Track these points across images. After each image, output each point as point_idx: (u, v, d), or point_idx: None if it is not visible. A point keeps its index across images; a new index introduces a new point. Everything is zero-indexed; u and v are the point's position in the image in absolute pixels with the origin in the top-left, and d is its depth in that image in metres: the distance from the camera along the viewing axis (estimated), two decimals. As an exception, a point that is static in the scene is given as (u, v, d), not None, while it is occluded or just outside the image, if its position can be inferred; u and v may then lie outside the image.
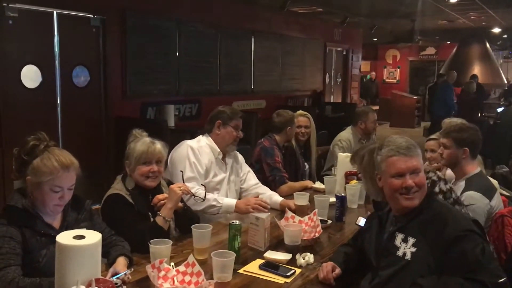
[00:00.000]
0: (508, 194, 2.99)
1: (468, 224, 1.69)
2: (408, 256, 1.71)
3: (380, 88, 16.80)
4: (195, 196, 2.47)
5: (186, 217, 2.42)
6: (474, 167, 2.64)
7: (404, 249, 1.73)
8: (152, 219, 2.29)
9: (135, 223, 2.22)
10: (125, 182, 2.37)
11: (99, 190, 2.44)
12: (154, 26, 6.11)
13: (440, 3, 7.74)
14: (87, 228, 1.77)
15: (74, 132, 5.22)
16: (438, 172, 2.29)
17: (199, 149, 2.89)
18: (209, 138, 2.98)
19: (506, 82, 10.79)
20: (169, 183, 2.53)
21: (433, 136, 3.19)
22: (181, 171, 2.69)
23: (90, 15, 5.33)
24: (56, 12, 4.97)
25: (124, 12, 5.69)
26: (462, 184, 2.59)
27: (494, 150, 7.59)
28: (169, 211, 2.30)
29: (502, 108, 9.34)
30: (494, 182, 2.90)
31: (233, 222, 2.14)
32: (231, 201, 2.80)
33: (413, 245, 1.71)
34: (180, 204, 2.40)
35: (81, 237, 1.53)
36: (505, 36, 12.96)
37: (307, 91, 9.81)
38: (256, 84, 8.20)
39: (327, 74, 10.93)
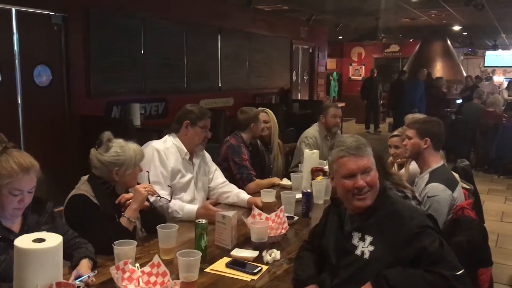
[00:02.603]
0: (468, 187, 3.09)
1: (423, 219, 1.71)
2: (366, 255, 1.71)
3: (345, 85, 17.06)
4: (160, 197, 2.45)
5: (153, 217, 2.39)
6: (437, 160, 2.72)
7: (362, 248, 1.73)
8: (117, 220, 2.26)
9: (99, 224, 2.18)
10: (105, 188, 2.32)
11: (64, 191, 2.37)
12: (118, 23, 6.01)
13: (403, 1, 7.89)
14: (49, 231, 1.73)
15: (36, 133, 5.08)
16: (412, 191, 2.33)
17: (165, 151, 2.82)
18: (176, 138, 2.91)
19: (470, 79, 11.10)
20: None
21: (396, 133, 3.27)
22: (147, 171, 2.64)
23: (51, 13, 5.19)
24: (15, 9, 4.82)
25: (87, 9, 5.57)
26: (426, 177, 2.67)
27: (456, 145, 7.82)
28: (133, 212, 2.27)
29: (461, 101, 9.64)
30: (455, 175, 3.00)
31: (199, 221, 2.13)
32: (192, 211, 2.68)
33: (371, 243, 1.72)
34: (147, 203, 2.38)
35: (41, 240, 1.50)
36: (465, 33, 13.35)
37: (274, 89, 9.85)
38: (223, 82, 8.17)
39: (294, 72, 11.00)
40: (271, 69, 9.77)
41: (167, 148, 2.84)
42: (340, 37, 14.79)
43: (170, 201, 2.55)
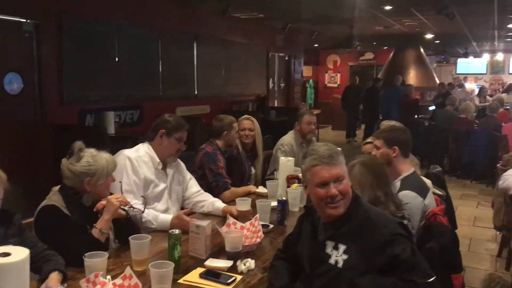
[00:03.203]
0: (440, 193, 3.13)
1: (395, 227, 1.72)
2: (340, 264, 1.71)
3: (321, 92, 17.22)
4: (133, 208, 2.41)
5: (126, 228, 2.35)
6: (408, 168, 2.74)
7: (336, 256, 1.73)
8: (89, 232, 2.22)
9: (70, 236, 2.13)
10: (77, 198, 2.27)
11: (36, 202, 2.31)
12: (92, 30, 5.95)
13: (376, 10, 8.02)
14: (16, 244, 1.68)
15: (7, 142, 4.96)
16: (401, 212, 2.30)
17: (137, 160, 2.76)
18: (150, 147, 2.85)
19: (442, 86, 11.32)
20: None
21: (369, 140, 3.29)
22: (120, 181, 2.59)
23: (22, 20, 5.10)
24: (-16, 16, 4.73)
25: (60, 16, 5.50)
26: (397, 184, 2.68)
27: (429, 151, 7.96)
28: (105, 223, 2.23)
29: (434, 108, 9.81)
30: (428, 182, 3.03)
31: (172, 232, 2.10)
32: (166, 221, 2.63)
33: (344, 252, 1.72)
34: (123, 213, 2.34)
35: (6, 254, 1.45)
36: (438, 41, 13.64)
37: (251, 96, 9.88)
38: (199, 89, 8.15)
39: (271, 79, 11.06)
40: (248, 76, 9.80)
41: (139, 157, 2.79)
42: (316, 45, 14.94)
43: (143, 211, 2.51)
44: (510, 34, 11.76)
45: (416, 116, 9.59)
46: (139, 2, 6.66)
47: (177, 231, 2.11)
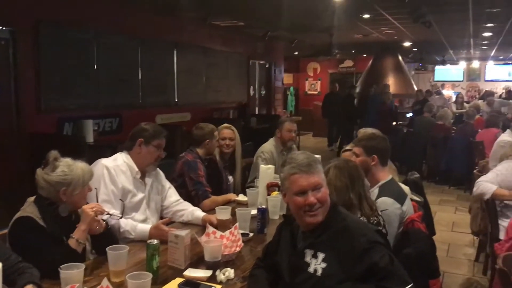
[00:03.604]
0: (418, 200, 3.17)
1: (373, 235, 1.74)
2: (319, 272, 1.72)
3: (302, 99, 17.33)
4: (111, 215, 2.39)
5: (104, 238, 2.32)
6: (386, 175, 2.78)
7: (315, 265, 1.74)
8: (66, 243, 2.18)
9: (45, 247, 2.09)
10: (53, 209, 2.23)
11: (11, 213, 2.26)
12: (70, 38, 5.88)
13: (355, 18, 8.12)
14: (-11, 257, 1.64)
15: (-19, 151, 4.86)
16: (377, 218, 2.33)
17: (115, 169, 2.72)
18: (128, 156, 2.82)
19: (420, 93, 11.48)
20: None
21: (348, 147, 3.32)
22: (95, 188, 2.55)
23: (-3, 27, 5.02)
24: (-42, 23, 4.64)
25: (37, 23, 5.43)
26: (375, 191, 2.71)
27: (408, 157, 8.06)
28: (82, 233, 2.20)
29: (412, 114, 9.95)
30: (406, 188, 3.07)
31: (151, 242, 2.08)
32: (144, 231, 2.61)
33: (323, 260, 1.73)
34: (103, 224, 2.30)
35: (-22, 268, 1.41)
36: (415, 49, 13.85)
37: (232, 103, 9.87)
38: (180, 96, 8.12)
39: (251, 87, 11.08)
40: (228, 84, 9.81)
41: (117, 166, 2.75)
42: (296, 53, 15.05)
43: (121, 217, 2.48)
44: (485, 42, 12.03)
45: (394, 123, 9.69)
46: (118, 9, 6.61)
47: (155, 241, 2.09)
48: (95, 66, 6.28)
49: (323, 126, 13.03)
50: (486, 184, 3.45)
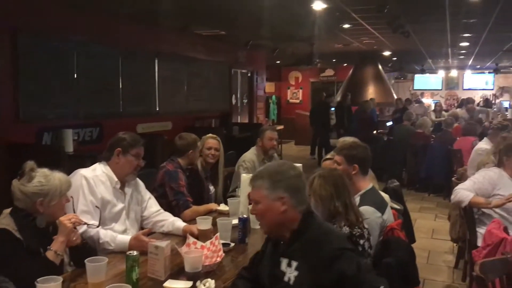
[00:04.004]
0: (398, 207, 3.20)
1: (343, 242, 1.77)
2: (292, 281, 1.74)
3: (284, 108, 17.42)
4: (88, 225, 2.36)
5: (82, 250, 2.29)
6: (367, 184, 2.80)
7: (289, 273, 1.75)
8: (43, 255, 2.14)
9: (22, 261, 2.05)
10: (29, 221, 2.19)
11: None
12: (50, 47, 5.84)
13: (335, 28, 8.22)
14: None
15: (-43, 162, 4.76)
16: (362, 230, 2.31)
17: (94, 179, 2.69)
18: (107, 166, 2.79)
19: (400, 101, 11.64)
20: None
21: (328, 156, 3.34)
22: (71, 196, 2.51)
23: (-25, 35, 4.95)
24: None
25: (15, 33, 5.38)
26: (357, 200, 2.73)
27: (388, 165, 8.14)
28: (60, 245, 2.17)
29: (391, 123, 10.07)
30: (386, 196, 3.10)
31: (130, 253, 2.06)
32: (124, 242, 2.58)
33: (296, 269, 1.75)
34: (78, 240, 2.27)
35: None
36: (395, 59, 14.08)
37: (214, 112, 9.87)
38: (161, 105, 8.09)
39: (233, 95, 11.10)
40: (210, 93, 9.81)
41: (96, 176, 2.73)
42: (278, 62, 15.15)
43: (98, 226, 2.44)
44: (463, 52, 12.28)
45: (374, 132, 9.78)
46: (98, 18, 6.58)
47: (135, 253, 2.07)
48: (75, 75, 6.24)
49: (305, 135, 13.10)
50: (463, 192, 3.50)
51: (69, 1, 5.93)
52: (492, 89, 18.40)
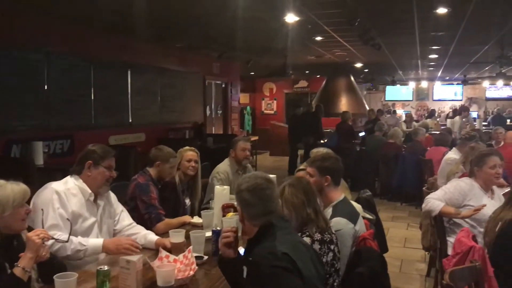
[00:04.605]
0: (370, 217, 3.24)
1: (273, 260, 1.82)
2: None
3: (259, 119, 17.49)
4: (56, 240, 2.31)
5: (51, 266, 2.23)
6: (339, 194, 2.83)
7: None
8: (9, 271, 2.08)
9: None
10: None
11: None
12: (18, 57, 5.74)
13: (308, 40, 8.33)
14: None
15: None
16: (331, 235, 2.33)
17: (66, 192, 2.65)
18: (79, 179, 2.75)
19: (372, 112, 11.80)
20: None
21: (301, 167, 3.36)
22: (42, 209, 2.47)
23: None
24: None
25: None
26: (329, 211, 2.75)
27: (361, 175, 8.25)
28: (29, 261, 2.10)
29: (364, 134, 10.21)
30: (358, 206, 3.13)
31: (101, 268, 2.02)
32: (97, 242, 2.62)
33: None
34: (47, 255, 2.21)
35: None
36: (367, 70, 14.34)
37: (188, 123, 9.83)
38: (134, 117, 8.02)
39: (208, 106, 11.08)
40: (184, 104, 9.78)
41: (68, 189, 2.68)
42: (252, 73, 15.23)
43: (67, 240, 2.40)
44: (432, 63, 12.61)
45: (353, 141, 9.86)
46: (69, 29, 6.50)
47: (106, 267, 2.03)
48: (46, 86, 6.13)
49: (280, 145, 13.18)
50: (434, 201, 3.56)
51: (39, 10, 5.85)
52: (461, 100, 18.90)
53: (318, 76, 16.18)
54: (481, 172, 3.50)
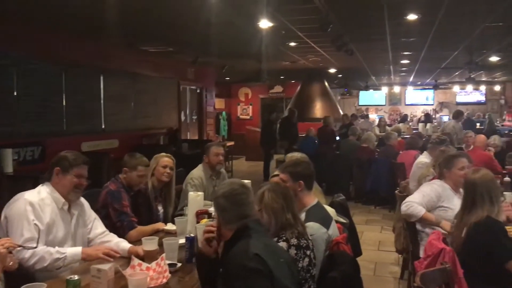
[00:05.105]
0: (344, 221, 3.26)
1: (246, 261, 1.86)
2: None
3: (234, 124, 17.50)
4: (24, 247, 2.25)
5: (18, 276, 2.17)
6: (312, 199, 2.84)
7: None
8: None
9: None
10: None
11: None
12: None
13: (282, 46, 8.39)
14: None
15: None
16: (307, 241, 2.33)
17: (40, 203, 2.58)
18: (51, 187, 2.69)
19: (346, 117, 11.92)
20: None
21: (276, 173, 3.36)
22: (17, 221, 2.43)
23: None
24: None
25: None
26: (302, 216, 2.76)
27: (336, 179, 8.32)
28: (-5, 273, 2.05)
29: (338, 138, 10.31)
30: (332, 210, 3.15)
31: (71, 278, 1.98)
32: (76, 249, 2.59)
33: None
34: (15, 266, 2.15)
35: None
36: (340, 75, 14.51)
37: (162, 129, 9.75)
38: (107, 123, 7.91)
39: (182, 112, 11.02)
40: (158, 109, 9.70)
41: (42, 200, 2.61)
42: (227, 78, 15.22)
43: (36, 246, 2.34)
44: (404, 69, 12.84)
45: (333, 146, 9.91)
46: (40, 34, 6.39)
47: (76, 277, 2.00)
48: (15, 92, 6.00)
49: (256, 150, 13.16)
50: (417, 206, 3.51)
51: (8, 15, 5.73)
52: (433, 104, 19.30)
53: (293, 81, 16.29)
54: (450, 174, 3.58)
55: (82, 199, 2.91)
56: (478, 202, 2.65)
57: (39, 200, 2.60)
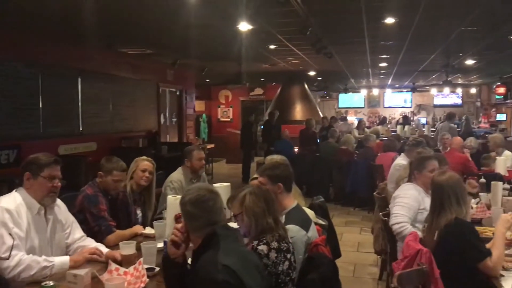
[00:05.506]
0: (323, 223, 3.28)
1: (214, 273, 1.84)
2: None
3: (215, 126, 17.45)
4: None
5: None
6: (291, 201, 2.85)
7: None
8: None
9: None
10: None
11: None
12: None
13: (262, 48, 8.41)
14: None
15: None
16: (287, 244, 2.33)
17: (17, 210, 2.51)
18: (25, 192, 2.61)
19: (326, 119, 12.00)
20: None
21: (255, 175, 3.36)
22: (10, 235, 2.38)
23: None
24: None
25: None
26: (282, 218, 2.77)
27: (316, 180, 8.37)
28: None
29: (318, 140, 10.38)
30: (311, 212, 3.17)
31: (45, 284, 1.95)
32: (64, 258, 2.55)
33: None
34: None
35: None
36: (320, 78, 14.60)
37: (141, 132, 9.67)
38: (84, 125, 7.81)
39: (162, 114, 10.94)
40: (137, 112, 9.61)
41: (18, 206, 2.54)
42: (207, 81, 15.18)
43: (8, 258, 2.29)
44: (382, 72, 13.00)
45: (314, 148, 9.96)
46: (15, 36, 6.27)
47: (51, 283, 1.96)
48: (-11, 95, 5.88)
49: (236, 153, 13.15)
50: (410, 228, 3.37)
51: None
52: (411, 107, 19.56)
53: (273, 84, 16.33)
54: (421, 176, 3.61)
55: (59, 201, 2.84)
56: (446, 204, 2.66)
57: (15, 207, 2.53)
